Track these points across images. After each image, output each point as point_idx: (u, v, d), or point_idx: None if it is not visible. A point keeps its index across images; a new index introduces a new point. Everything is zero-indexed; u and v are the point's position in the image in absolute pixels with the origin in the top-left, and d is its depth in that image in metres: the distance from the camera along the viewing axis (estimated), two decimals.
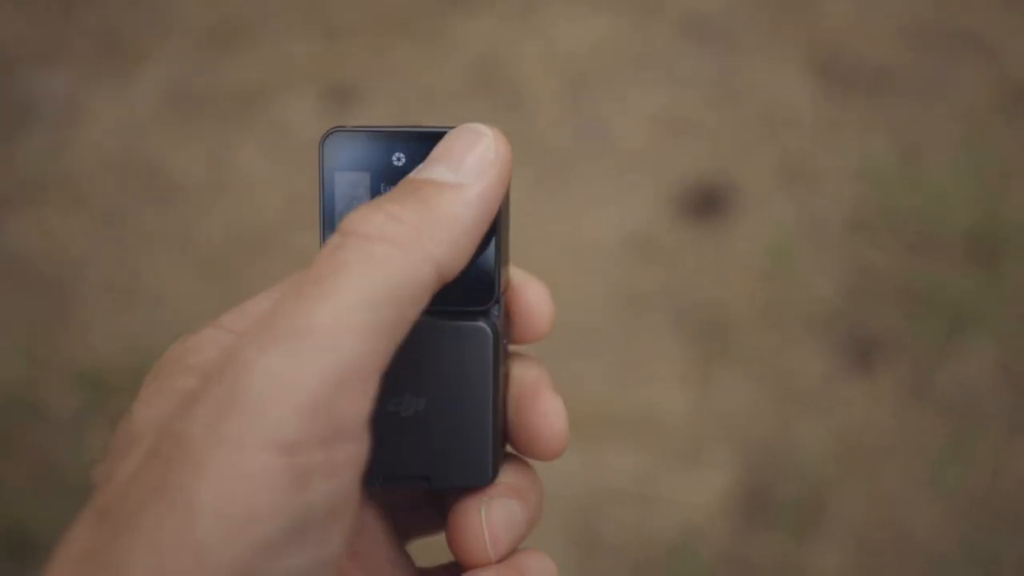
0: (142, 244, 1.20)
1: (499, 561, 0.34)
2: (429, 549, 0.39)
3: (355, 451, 0.28)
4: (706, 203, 1.20)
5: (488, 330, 0.33)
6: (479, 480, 0.34)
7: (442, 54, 1.32)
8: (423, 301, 0.29)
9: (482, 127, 0.32)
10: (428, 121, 1.28)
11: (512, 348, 0.37)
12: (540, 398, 0.35)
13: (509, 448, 0.36)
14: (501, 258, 0.34)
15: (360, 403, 0.27)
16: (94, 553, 0.26)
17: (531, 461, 0.36)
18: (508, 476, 0.35)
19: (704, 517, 1.03)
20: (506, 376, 0.35)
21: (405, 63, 1.32)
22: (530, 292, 0.36)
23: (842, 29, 1.31)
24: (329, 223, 0.34)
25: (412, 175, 0.32)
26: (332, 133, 0.34)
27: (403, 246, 0.29)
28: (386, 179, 0.34)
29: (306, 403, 0.26)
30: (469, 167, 0.31)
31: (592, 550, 1.01)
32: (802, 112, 1.25)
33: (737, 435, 1.07)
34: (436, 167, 0.31)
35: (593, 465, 1.09)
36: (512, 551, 0.34)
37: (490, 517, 0.33)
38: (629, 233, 1.18)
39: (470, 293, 0.34)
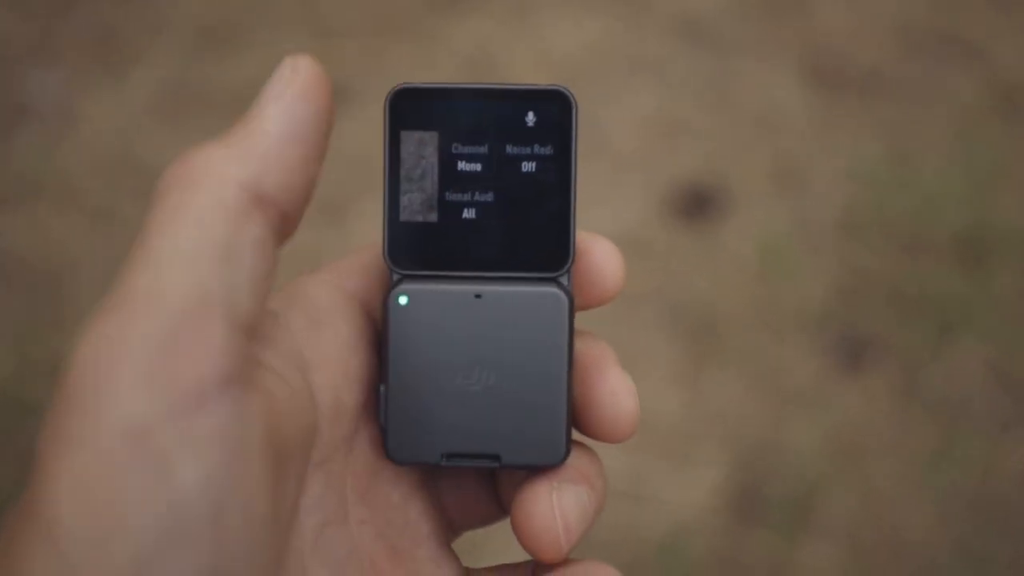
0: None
1: (569, 552, 0.31)
2: (476, 549, 0.37)
3: (218, 421, 0.24)
4: (698, 204, 1.21)
5: (563, 296, 0.32)
6: (552, 459, 0.32)
7: (436, 55, 1.32)
8: (247, 231, 0.27)
9: (286, 58, 0.30)
10: None
11: None
12: (608, 375, 0.32)
13: (573, 432, 0.33)
14: (574, 219, 0.33)
15: (204, 361, 0.24)
16: None
17: (593, 444, 0.34)
18: (575, 460, 0.32)
19: (695, 516, 1.03)
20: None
21: (399, 64, 1.32)
22: (597, 250, 0.34)
23: (834, 31, 1.31)
24: (394, 183, 0.33)
25: None
26: (399, 89, 0.32)
27: (198, 182, 0.27)
28: (456, 137, 0.32)
29: (135, 374, 0.24)
30: (266, 94, 0.29)
31: (582, 548, 1.01)
32: (794, 114, 1.26)
33: (728, 434, 1.07)
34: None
35: None
36: (579, 543, 0.32)
37: (562, 503, 0.31)
38: (621, 233, 1.18)
39: (543, 259, 0.32)
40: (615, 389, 0.32)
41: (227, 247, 0.26)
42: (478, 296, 0.32)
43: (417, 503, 0.33)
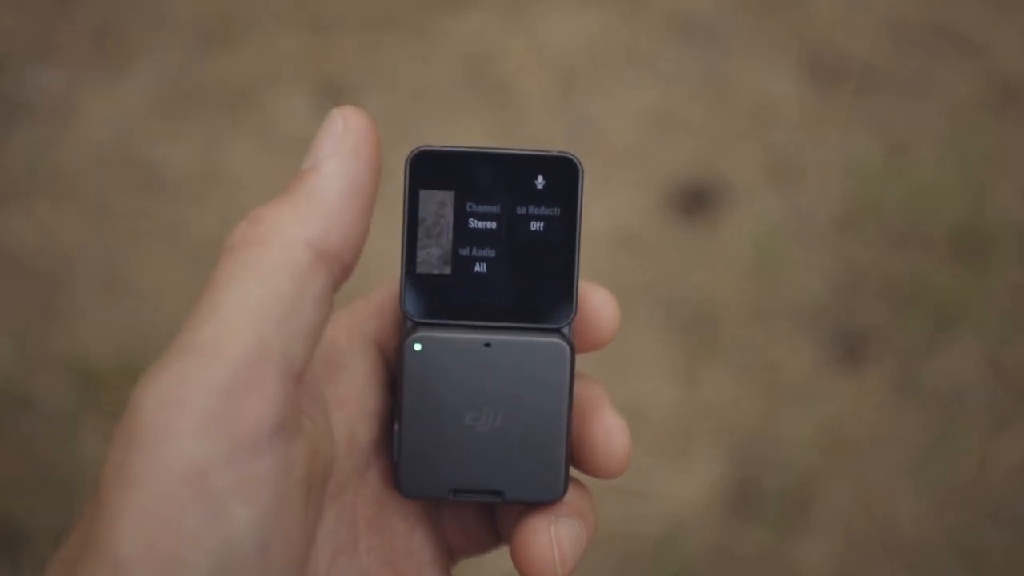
0: (134, 239, 1.21)
1: None
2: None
3: (269, 466, 0.27)
4: (694, 199, 1.21)
5: (566, 346, 0.34)
6: (552, 495, 0.34)
7: (432, 50, 1.32)
8: (314, 287, 0.29)
9: (334, 111, 0.32)
10: (420, 117, 1.29)
11: None
12: (603, 415, 0.35)
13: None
14: (577, 276, 0.35)
15: (260, 409, 0.26)
16: None
17: (586, 480, 0.36)
18: (571, 495, 0.35)
19: (690, 510, 1.04)
20: None
21: (396, 59, 1.32)
22: (593, 298, 0.36)
23: (829, 26, 1.31)
24: (412, 240, 0.35)
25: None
26: (419, 151, 0.35)
27: (267, 240, 0.29)
28: (471, 197, 0.35)
29: (200, 421, 0.25)
30: (321, 148, 0.31)
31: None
32: (790, 109, 1.26)
33: (724, 429, 1.08)
34: (302, 165, 0.31)
35: None
36: (573, 571, 0.34)
37: (559, 536, 0.33)
38: (617, 229, 1.19)
39: (548, 312, 0.35)
40: (609, 429, 0.35)
41: (290, 303, 0.28)
42: (487, 345, 0.34)
43: (420, 532, 0.35)
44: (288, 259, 0.28)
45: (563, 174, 0.35)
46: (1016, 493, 1.03)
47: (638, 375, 1.10)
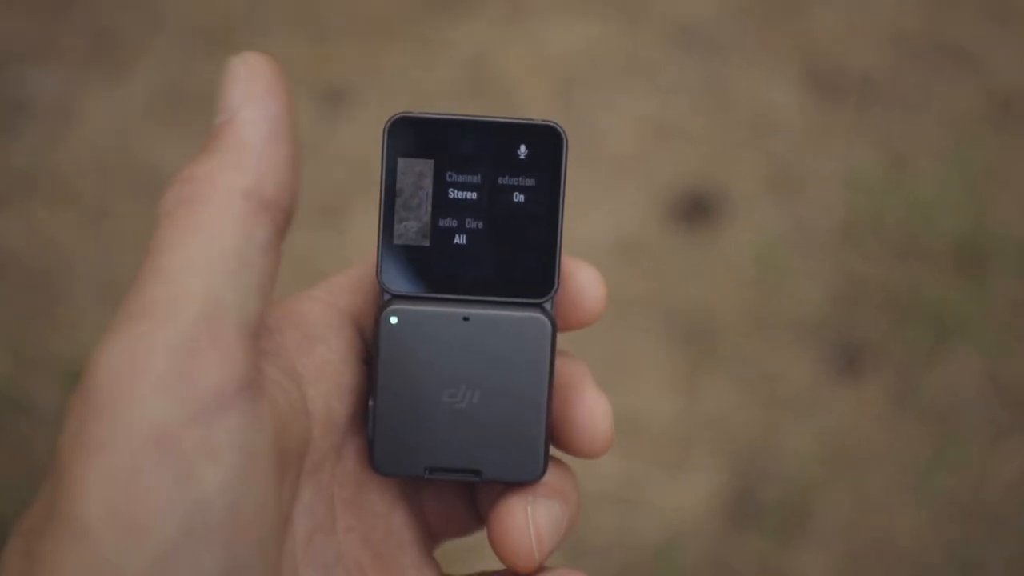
0: (132, 242, 1.20)
1: (542, 563, 0.33)
2: (456, 558, 0.38)
3: (235, 424, 0.26)
4: (694, 209, 1.21)
5: (547, 322, 0.33)
6: (530, 475, 0.33)
7: (433, 57, 1.32)
8: (255, 236, 0.28)
9: (233, 58, 0.31)
10: None
11: None
12: (584, 394, 0.34)
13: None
14: (560, 250, 0.34)
15: (220, 366, 0.26)
16: None
17: (569, 460, 0.35)
18: (550, 476, 0.34)
19: (689, 521, 1.03)
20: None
21: (396, 65, 1.32)
22: (581, 275, 0.35)
23: (830, 38, 1.32)
24: (389, 210, 0.34)
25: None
26: (397, 118, 0.34)
27: (202, 198, 0.28)
28: (451, 166, 0.34)
29: (159, 380, 0.25)
30: (231, 97, 0.30)
31: (577, 553, 1.01)
32: (790, 120, 1.26)
33: (723, 440, 1.07)
34: (214, 119, 0.30)
35: (578, 468, 1.09)
36: (552, 554, 0.33)
37: (536, 517, 0.33)
38: (617, 238, 1.19)
39: (529, 285, 0.34)
40: (591, 408, 0.34)
41: (237, 255, 0.27)
42: (466, 319, 0.33)
43: (401, 512, 0.35)
44: (227, 212, 0.28)
45: (547, 143, 0.34)
46: (1015, 506, 1.03)
47: (637, 384, 1.10)
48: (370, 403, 0.33)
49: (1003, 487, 1.04)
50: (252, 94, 0.30)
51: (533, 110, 1.26)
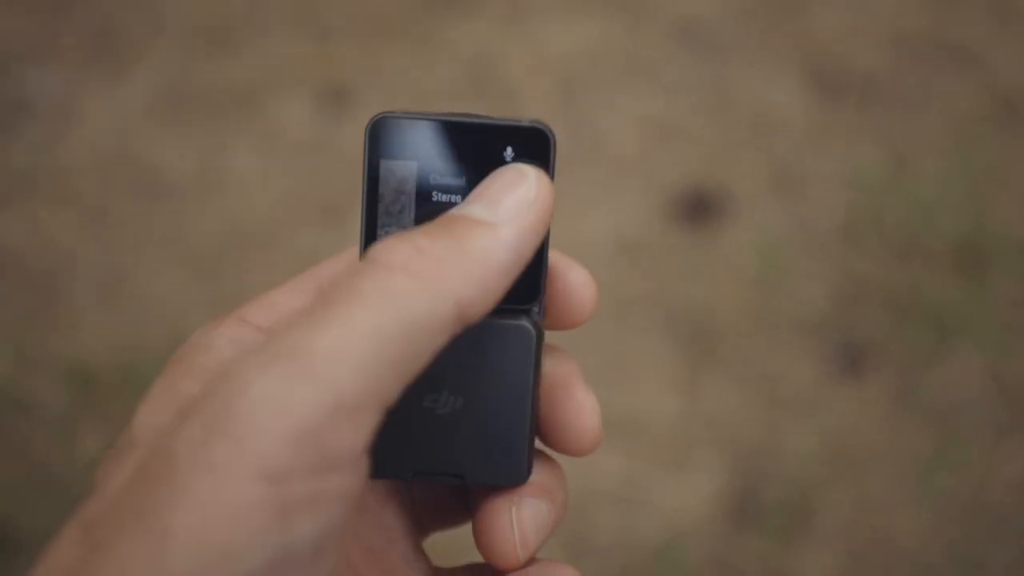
0: (133, 242, 1.20)
1: (527, 562, 0.33)
2: (445, 549, 0.38)
3: (346, 484, 0.26)
4: (696, 208, 1.21)
5: (531, 330, 0.33)
6: (514, 480, 0.33)
7: (434, 57, 1.32)
8: (440, 340, 0.28)
9: (526, 168, 0.31)
10: None
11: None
12: (573, 393, 0.34)
13: (537, 443, 0.35)
14: (546, 256, 0.33)
15: (354, 436, 0.26)
16: (72, 571, 0.25)
17: (558, 457, 0.35)
18: (537, 474, 0.34)
19: (691, 521, 1.03)
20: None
21: (398, 64, 1.32)
22: (571, 276, 0.35)
23: (833, 38, 1.32)
24: (371, 214, 0.33)
25: (450, 212, 0.30)
26: (379, 118, 0.33)
27: (424, 280, 0.28)
28: (435, 169, 0.33)
29: (296, 432, 0.25)
30: (506, 207, 0.30)
31: (579, 552, 1.01)
32: (792, 119, 1.26)
33: (725, 439, 1.07)
34: (474, 205, 0.30)
35: (580, 468, 1.09)
36: (539, 551, 0.33)
37: (520, 517, 0.33)
38: (619, 237, 1.19)
39: (514, 292, 0.32)
40: (580, 406, 0.34)
41: (416, 352, 0.27)
42: None
43: (391, 507, 0.35)
44: (436, 309, 0.27)
45: (534, 145, 0.32)
46: (1016, 506, 1.03)
47: (639, 385, 1.10)
48: None
49: (1004, 487, 1.04)
50: (524, 218, 0.30)
51: (533, 110, 1.26)
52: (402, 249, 0.28)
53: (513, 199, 0.30)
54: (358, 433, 0.26)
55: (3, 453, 1.08)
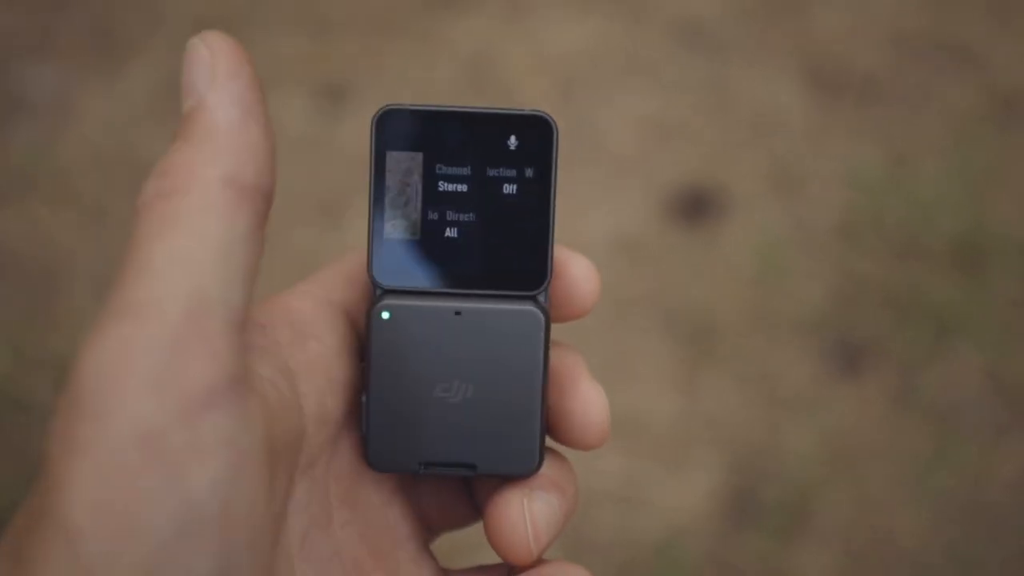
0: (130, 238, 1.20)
1: (537, 558, 0.33)
2: (452, 551, 0.38)
3: (224, 422, 0.25)
4: (695, 207, 1.21)
5: (540, 314, 0.33)
6: (526, 468, 0.33)
7: (433, 54, 1.32)
8: (237, 225, 0.27)
9: (194, 40, 0.30)
10: None
11: None
12: (580, 386, 0.34)
13: (547, 439, 0.34)
14: (552, 241, 0.34)
15: (208, 363, 0.25)
16: None
17: (566, 451, 0.35)
18: (547, 468, 0.34)
19: (690, 519, 1.03)
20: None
21: (397, 62, 1.32)
22: (574, 267, 0.35)
23: (832, 37, 1.31)
24: (379, 205, 0.33)
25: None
26: (385, 110, 0.33)
27: (179, 189, 0.27)
28: (440, 159, 0.33)
29: (147, 380, 0.25)
30: (197, 82, 0.29)
31: (577, 550, 1.01)
32: (792, 118, 1.26)
33: (723, 438, 1.07)
34: (182, 105, 0.30)
35: (579, 466, 1.09)
36: (549, 547, 0.33)
37: (532, 510, 0.32)
38: (618, 236, 1.19)
39: (522, 278, 0.33)
40: (587, 400, 0.34)
41: (220, 247, 0.27)
42: (458, 313, 0.33)
43: (397, 506, 0.34)
44: (207, 202, 0.27)
45: (537, 134, 0.34)
46: (1015, 505, 1.03)
47: (638, 384, 1.10)
48: (363, 399, 0.33)
49: (1003, 486, 1.04)
50: (217, 76, 0.29)
51: (532, 107, 1.25)
52: (147, 184, 0.28)
53: (193, 72, 0.29)
54: (214, 360, 0.25)
55: (2, 452, 1.07)
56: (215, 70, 0.29)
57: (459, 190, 0.33)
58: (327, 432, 0.33)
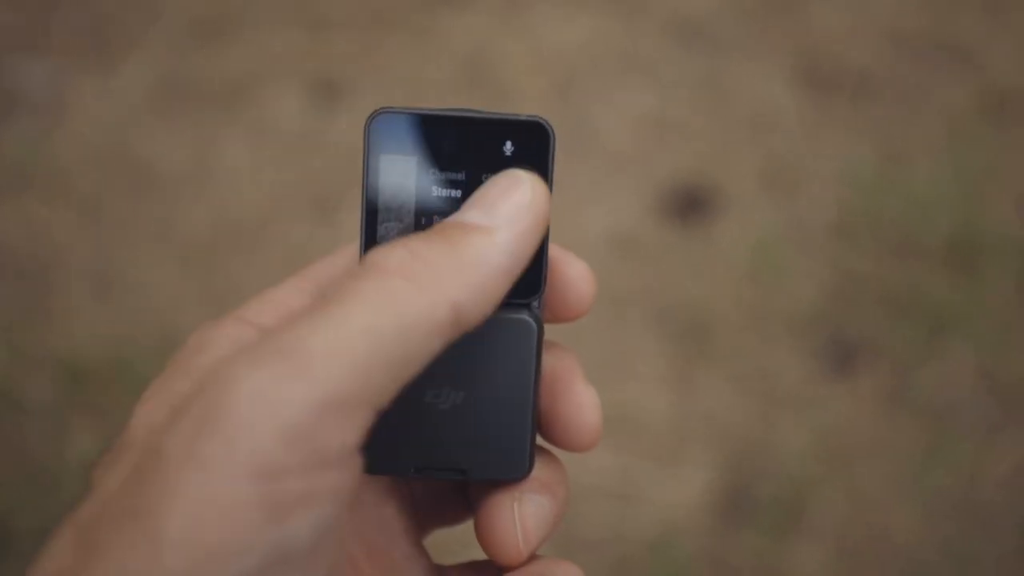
0: (125, 235, 1.20)
1: (528, 558, 0.33)
2: (446, 547, 0.38)
3: (338, 481, 0.26)
4: (690, 205, 1.21)
5: (533, 324, 0.33)
6: (516, 473, 0.33)
7: (429, 50, 1.32)
8: (435, 343, 0.28)
9: (521, 173, 0.31)
10: None
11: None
12: (573, 389, 0.34)
13: (538, 439, 0.35)
14: (547, 250, 0.33)
15: (347, 434, 0.26)
16: (68, 574, 0.25)
17: (559, 452, 0.35)
18: (539, 470, 0.34)
19: (683, 516, 1.03)
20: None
21: (392, 58, 1.31)
22: (570, 269, 0.35)
23: (828, 35, 1.32)
24: (372, 209, 0.33)
25: (448, 219, 0.31)
26: (379, 113, 0.33)
27: (420, 283, 0.28)
28: (435, 164, 0.33)
29: (287, 429, 0.25)
30: (502, 212, 0.30)
31: (571, 547, 1.01)
32: (787, 116, 1.26)
33: (717, 435, 1.07)
34: (470, 211, 0.30)
35: (572, 464, 1.09)
36: (540, 547, 0.33)
37: (522, 513, 0.33)
38: (613, 233, 1.19)
39: (516, 285, 0.32)
40: (580, 403, 0.34)
41: (410, 354, 0.27)
42: None
43: (392, 504, 0.35)
44: (432, 314, 0.28)
45: (534, 141, 0.33)
46: (1008, 503, 1.04)
47: (632, 380, 1.10)
48: None
49: (996, 484, 1.05)
50: (519, 222, 0.30)
51: (530, 106, 1.25)
52: (399, 254, 0.28)
53: (508, 203, 0.30)
54: (350, 432, 0.26)
55: None
56: (523, 216, 0.30)
57: (453, 196, 0.33)
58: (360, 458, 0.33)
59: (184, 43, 1.33)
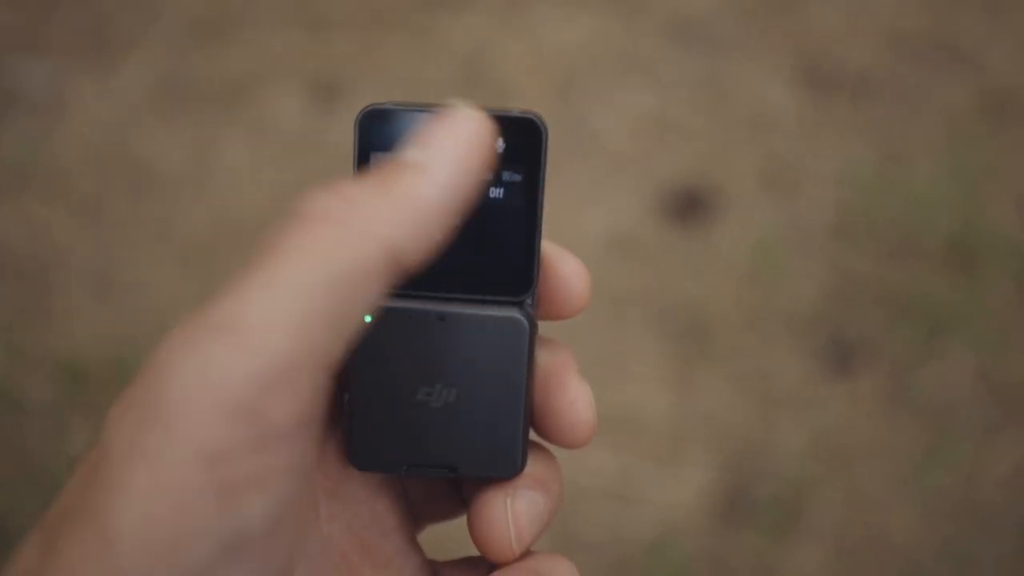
0: (125, 235, 1.20)
1: (521, 554, 0.33)
2: (439, 542, 0.38)
3: (292, 456, 0.25)
4: (690, 205, 1.21)
5: (524, 322, 0.32)
6: (508, 471, 0.33)
7: (429, 51, 1.32)
8: (374, 288, 0.26)
9: (460, 105, 0.29)
10: None
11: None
12: (567, 385, 0.33)
13: (532, 435, 0.34)
14: (538, 248, 0.33)
15: (294, 403, 0.25)
16: (33, 575, 0.24)
17: (553, 448, 0.35)
18: (532, 466, 0.34)
19: (682, 517, 1.03)
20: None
21: (392, 59, 1.32)
22: (565, 267, 0.34)
23: (828, 35, 1.32)
24: None
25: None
26: (369, 110, 0.32)
27: (349, 227, 0.26)
28: None
29: (231, 408, 0.24)
30: (439, 148, 0.28)
31: (569, 548, 1.01)
32: (786, 116, 1.26)
33: (716, 436, 1.07)
34: (406, 150, 0.28)
35: (571, 463, 1.10)
36: (533, 543, 0.33)
37: (515, 510, 0.32)
38: (613, 234, 1.19)
39: (507, 284, 0.32)
40: (574, 399, 0.33)
41: (345, 298, 0.26)
42: (441, 318, 0.32)
43: (384, 499, 0.34)
44: (365, 256, 0.26)
45: (526, 137, 0.32)
46: (1007, 503, 1.04)
47: (631, 381, 1.10)
48: (345, 399, 0.33)
49: (995, 484, 1.05)
50: (454, 154, 0.28)
51: (528, 105, 1.25)
52: (323, 198, 0.27)
53: (444, 137, 0.28)
54: (297, 401, 0.25)
55: None
56: (458, 147, 0.28)
57: None
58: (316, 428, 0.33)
59: (184, 43, 1.33)
